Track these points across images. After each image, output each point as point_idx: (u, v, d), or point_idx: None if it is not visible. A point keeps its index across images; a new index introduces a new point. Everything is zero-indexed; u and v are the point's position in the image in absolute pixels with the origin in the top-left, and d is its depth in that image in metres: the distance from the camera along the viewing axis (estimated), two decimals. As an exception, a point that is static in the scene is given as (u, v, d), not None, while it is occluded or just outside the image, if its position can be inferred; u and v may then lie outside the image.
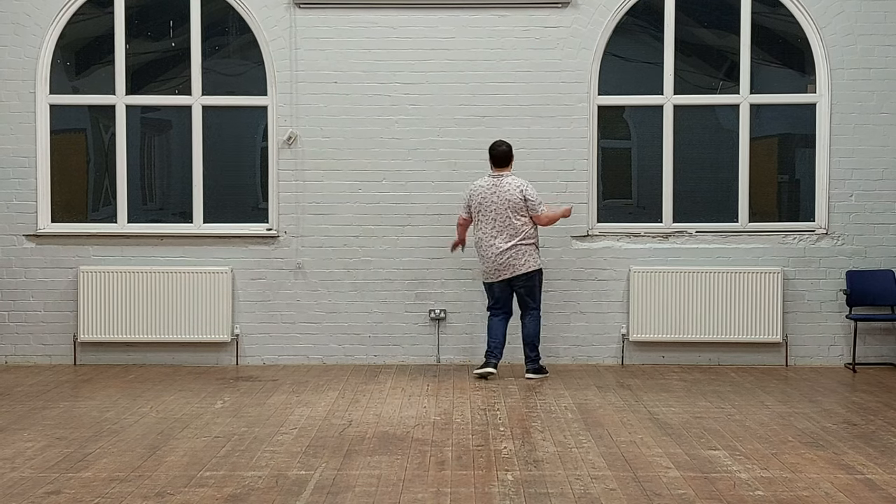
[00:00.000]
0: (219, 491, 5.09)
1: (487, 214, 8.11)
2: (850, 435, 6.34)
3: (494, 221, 8.09)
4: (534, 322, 8.28)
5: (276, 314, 9.03)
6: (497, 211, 8.08)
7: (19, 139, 8.97)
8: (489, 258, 8.14)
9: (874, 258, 8.97)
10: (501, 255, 8.09)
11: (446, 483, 5.24)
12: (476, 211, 8.18)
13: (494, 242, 8.09)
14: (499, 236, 8.08)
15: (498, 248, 8.08)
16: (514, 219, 8.07)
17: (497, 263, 8.12)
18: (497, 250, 8.09)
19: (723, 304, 8.88)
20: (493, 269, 8.16)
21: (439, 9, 8.97)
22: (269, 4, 8.98)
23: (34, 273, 8.99)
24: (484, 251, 8.16)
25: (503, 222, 8.08)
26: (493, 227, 8.09)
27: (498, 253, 8.08)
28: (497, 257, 8.10)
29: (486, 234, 8.13)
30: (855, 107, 8.94)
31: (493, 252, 8.10)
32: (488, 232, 8.12)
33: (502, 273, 8.14)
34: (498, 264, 8.12)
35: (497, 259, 8.10)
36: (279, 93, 8.99)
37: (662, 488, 5.15)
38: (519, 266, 8.13)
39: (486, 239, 8.14)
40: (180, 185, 9.27)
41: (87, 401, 7.39)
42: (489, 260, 8.14)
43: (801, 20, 8.97)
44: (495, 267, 8.13)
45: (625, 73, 9.34)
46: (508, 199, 8.08)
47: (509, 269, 8.12)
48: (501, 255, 8.09)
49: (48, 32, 8.96)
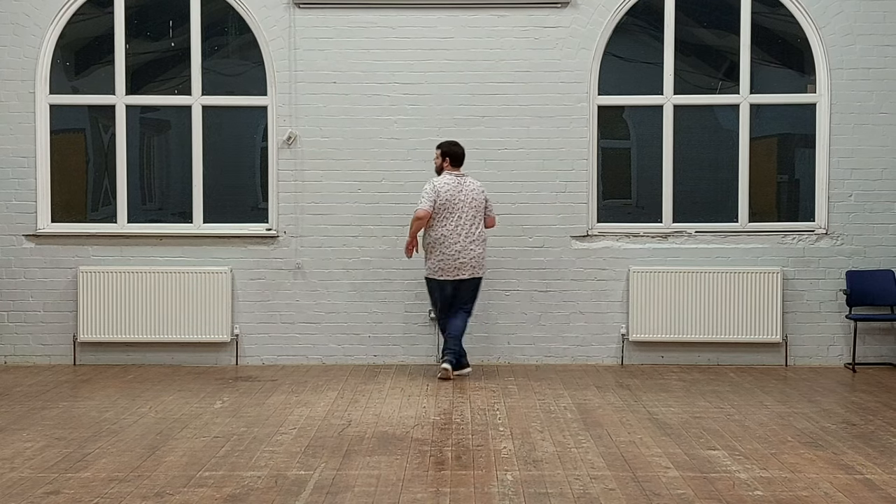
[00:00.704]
0: (218, 491, 5.09)
1: (453, 213, 8.08)
2: (850, 435, 6.34)
3: (460, 220, 8.08)
4: (467, 319, 8.36)
5: (275, 314, 9.03)
6: (463, 209, 8.08)
7: (19, 139, 8.97)
8: (451, 256, 8.09)
9: (874, 258, 8.97)
10: (468, 254, 8.09)
11: (446, 483, 5.24)
12: (441, 208, 8.09)
13: (460, 241, 8.07)
14: (466, 235, 8.09)
15: (464, 247, 8.08)
16: (477, 219, 8.14)
17: (459, 262, 8.09)
18: (463, 249, 8.08)
19: (722, 304, 8.88)
20: (452, 268, 8.10)
21: (438, 9, 8.97)
22: (268, 4, 8.98)
23: (34, 273, 8.99)
24: (446, 249, 8.09)
25: (469, 221, 8.10)
26: (458, 226, 8.08)
27: (464, 252, 8.08)
28: (461, 255, 8.08)
29: (451, 232, 8.08)
30: (854, 107, 8.94)
31: (456, 250, 8.07)
32: (453, 230, 8.08)
33: (462, 272, 8.12)
34: (460, 263, 8.09)
35: (461, 258, 8.08)
36: (279, 93, 8.99)
37: (661, 488, 5.15)
38: (479, 267, 8.20)
39: (450, 237, 8.08)
40: (180, 185, 9.27)
41: (86, 401, 7.39)
42: (451, 258, 8.09)
43: (801, 20, 8.97)
44: (456, 265, 8.10)
45: (624, 73, 9.34)
46: (474, 198, 8.14)
47: (471, 269, 8.14)
48: (467, 255, 8.09)
49: (48, 32, 8.96)
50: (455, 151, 8.26)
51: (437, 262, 8.13)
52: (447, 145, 8.31)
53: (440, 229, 8.10)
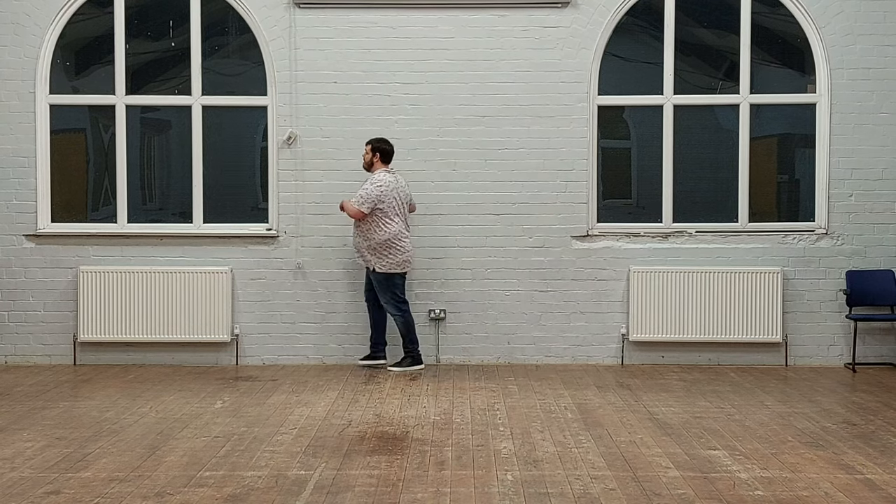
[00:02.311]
0: (218, 491, 5.09)
1: (399, 209, 8.46)
2: (850, 435, 6.34)
3: (403, 216, 8.50)
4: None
5: (275, 314, 9.03)
6: (403, 206, 8.52)
7: (19, 139, 8.97)
8: (409, 248, 8.53)
9: (874, 258, 8.97)
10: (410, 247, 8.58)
11: (446, 483, 5.24)
12: (390, 207, 8.39)
13: (408, 234, 8.55)
14: (407, 228, 8.58)
15: (410, 241, 8.55)
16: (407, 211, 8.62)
17: (412, 253, 8.59)
18: (410, 242, 8.56)
19: (723, 304, 8.88)
20: (411, 258, 8.60)
21: (438, 9, 8.98)
22: (268, 4, 8.98)
23: (34, 273, 8.99)
24: (402, 244, 8.45)
25: (405, 216, 8.54)
26: (403, 222, 8.48)
27: (410, 243, 8.58)
28: (411, 247, 8.58)
29: (402, 228, 8.49)
30: (854, 107, 8.94)
31: (409, 243, 8.54)
32: (402, 225, 8.47)
33: (408, 265, 8.60)
34: (410, 256, 8.56)
35: (412, 248, 8.59)
36: (279, 93, 8.99)
37: (662, 488, 5.15)
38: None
39: (403, 232, 8.49)
40: (180, 185, 9.27)
41: (86, 401, 7.39)
42: (409, 250, 8.54)
43: (801, 20, 8.97)
44: (407, 259, 8.54)
45: (624, 73, 9.34)
46: (408, 193, 8.62)
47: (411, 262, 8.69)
48: (412, 246, 8.61)
49: (48, 32, 8.96)
50: (386, 149, 8.60)
51: (401, 256, 8.48)
52: (379, 142, 8.60)
53: (394, 226, 8.42)
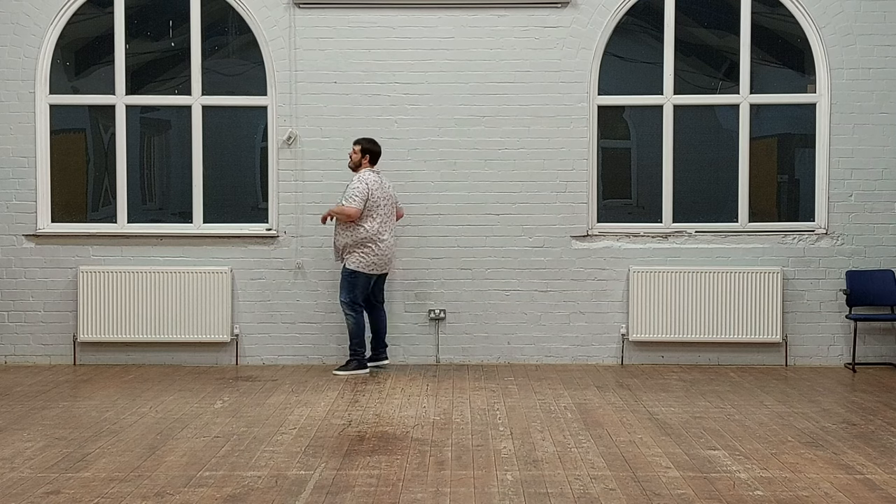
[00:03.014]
0: (218, 491, 5.09)
1: (383, 209, 8.40)
2: (850, 435, 6.34)
3: (386, 216, 8.43)
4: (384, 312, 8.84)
5: (275, 314, 9.03)
6: (387, 206, 8.46)
7: (19, 139, 8.97)
8: (383, 251, 8.43)
9: (874, 258, 8.97)
10: (392, 248, 8.55)
11: (446, 483, 5.24)
12: (373, 206, 8.34)
13: (388, 237, 8.44)
14: (390, 230, 8.48)
15: (391, 242, 8.49)
16: (393, 213, 8.57)
17: (387, 257, 8.50)
18: (391, 244, 8.49)
19: (722, 304, 8.88)
20: (382, 263, 8.49)
21: (439, 9, 8.98)
22: (268, 4, 8.98)
23: (34, 273, 8.99)
24: (380, 244, 8.39)
25: (390, 217, 8.51)
26: (385, 222, 8.43)
27: (391, 246, 8.52)
28: (389, 251, 8.48)
29: (383, 228, 8.41)
30: (854, 107, 8.94)
31: (388, 245, 8.45)
32: (383, 226, 8.41)
33: (386, 266, 8.58)
34: (387, 258, 8.52)
35: (388, 252, 8.49)
36: (279, 93, 8.99)
37: (662, 488, 5.15)
38: (394, 259, 8.70)
39: (382, 233, 8.40)
40: (180, 185, 9.27)
41: (86, 401, 7.39)
42: (382, 254, 8.43)
43: (801, 20, 8.97)
44: (385, 260, 8.50)
45: (624, 73, 9.34)
46: (392, 194, 8.55)
47: (391, 262, 8.63)
48: (392, 249, 8.54)
49: (48, 32, 8.96)
50: (376, 150, 8.57)
51: (372, 257, 8.40)
52: (368, 143, 8.56)
53: (374, 225, 8.37)
